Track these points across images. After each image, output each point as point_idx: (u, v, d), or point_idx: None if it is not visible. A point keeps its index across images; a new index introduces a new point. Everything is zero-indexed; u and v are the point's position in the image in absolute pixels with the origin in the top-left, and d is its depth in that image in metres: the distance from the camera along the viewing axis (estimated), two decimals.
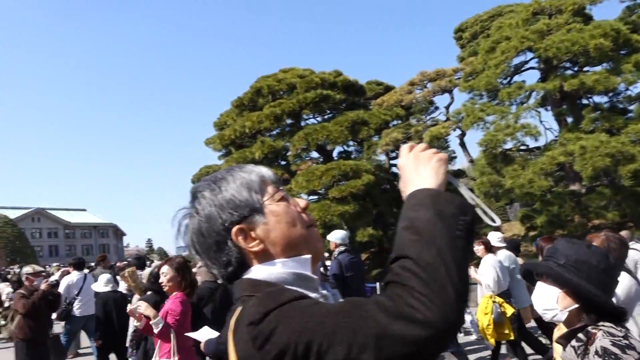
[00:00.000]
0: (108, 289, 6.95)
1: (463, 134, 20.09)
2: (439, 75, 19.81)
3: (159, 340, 3.89)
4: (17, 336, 6.34)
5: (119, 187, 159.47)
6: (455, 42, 25.90)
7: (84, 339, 9.14)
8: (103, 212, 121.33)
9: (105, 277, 7.17)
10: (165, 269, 4.11)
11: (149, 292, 5.29)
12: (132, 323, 5.54)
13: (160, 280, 4.14)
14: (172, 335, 3.85)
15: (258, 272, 1.01)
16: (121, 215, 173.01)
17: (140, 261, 9.32)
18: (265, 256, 1.03)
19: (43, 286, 6.69)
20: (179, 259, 4.32)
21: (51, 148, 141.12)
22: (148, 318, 3.83)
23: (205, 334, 3.64)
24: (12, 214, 65.28)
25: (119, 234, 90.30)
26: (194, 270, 5.89)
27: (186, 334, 3.90)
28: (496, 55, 16.37)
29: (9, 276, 10.88)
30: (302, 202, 1.09)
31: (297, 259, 1.03)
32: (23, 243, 58.26)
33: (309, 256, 1.04)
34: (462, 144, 20.69)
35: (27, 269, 7.12)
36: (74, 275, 8.66)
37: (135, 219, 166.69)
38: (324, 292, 1.06)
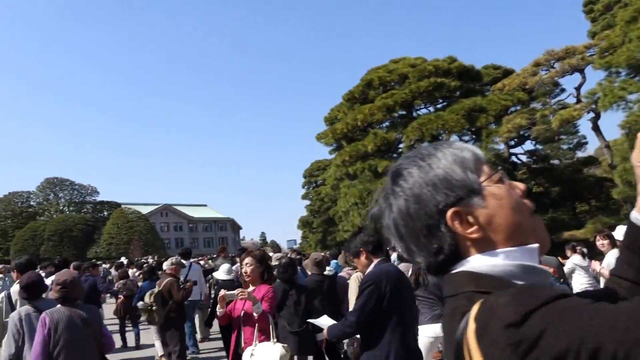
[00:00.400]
0: (229, 277, 7.26)
1: (597, 116, 18.11)
2: (568, 53, 18.01)
3: (257, 325, 4.07)
4: (168, 320, 6.86)
5: (235, 183, 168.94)
6: (584, 16, 23.50)
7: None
8: (221, 207, 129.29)
9: (225, 266, 7.55)
10: (248, 260, 4.31)
11: (277, 281, 5.46)
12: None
13: (244, 271, 4.33)
14: (270, 320, 4.12)
15: (478, 263, 0.88)
16: (238, 209, 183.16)
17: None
18: (485, 244, 0.90)
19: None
20: (259, 252, 4.54)
21: (177, 148, 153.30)
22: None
23: (325, 321, 3.89)
24: (144, 210, 71.71)
25: (235, 227, 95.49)
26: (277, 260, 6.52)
27: (308, 320, 4.22)
28: (638, 26, 14.49)
29: (145, 266, 11.92)
30: (521, 185, 0.95)
31: (523, 248, 0.89)
32: (154, 236, 63.78)
33: (536, 245, 0.90)
34: (596, 128, 18.64)
35: (171, 261, 7.65)
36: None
37: (250, 214, 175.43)
38: (559, 286, 0.75)
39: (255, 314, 4.00)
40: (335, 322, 3.64)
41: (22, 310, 4.22)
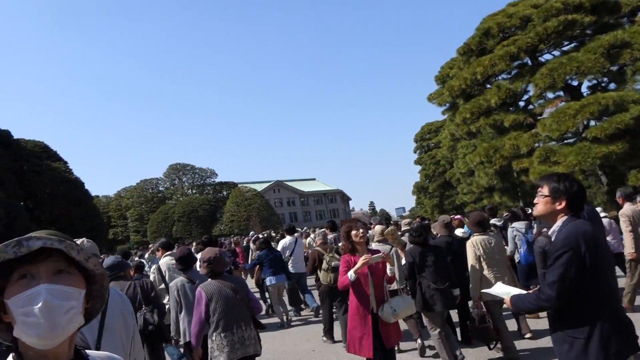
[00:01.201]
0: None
1: None
2: None
3: (387, 283, 4.70)
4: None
5: (343, 155, 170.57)
6: None
7: None
8: (330, 180, 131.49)
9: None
10: (363, 228, 4.76)
11: (411, 245, 6.02)
12: None
13: (359, 236, 4.69)
14: (385, 284, 4.67)
15: None
16: (346, 181, 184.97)
17: (333, 224, 11.30)
18: None
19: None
20: (363, 222, 5.00)
21: (285, 125, 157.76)
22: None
23: (501, 289, 3.24)
24: (259, 187, 74.78)
25: (345, 198, 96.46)
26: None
27: (483, 291, 4.17)
28: None
29: (262, 237, 12.96)
30: None
31: None
32: (270, 212, 66.33)
33: None
34: None
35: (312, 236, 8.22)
36: (287, 240, 10.32)
37: (358, 184, 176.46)
38: None
39: (389, 273, 4.59)
40: (520, 291, 3.03)
41: (178, 282, 5.11)
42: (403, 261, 6.59)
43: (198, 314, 4.24)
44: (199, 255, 6.69)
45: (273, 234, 24.60)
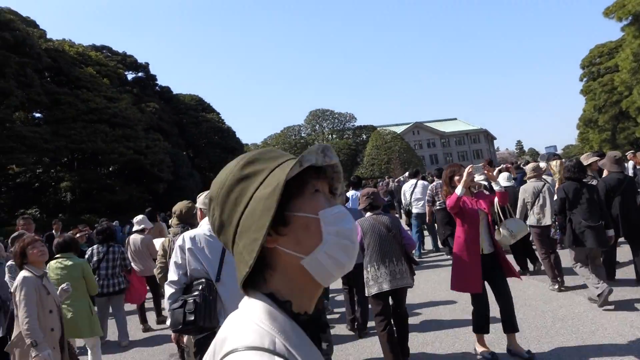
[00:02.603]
0: (509, 184, 8.08)
1: None
2: None
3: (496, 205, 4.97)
4: None
5: (487, 91, 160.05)
6: None
7: None
8: (472, 119, 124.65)
9: (504, 174, 8.31)
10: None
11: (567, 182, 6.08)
12: None
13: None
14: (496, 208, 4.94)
15: None
16: (491, 119, 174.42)
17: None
18: None
19: None
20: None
21: (422, 65, 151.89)
22: None
23: None
24: (398, 130, 73.40)
25: (489, 138, 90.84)
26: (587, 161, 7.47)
27: None
28: None
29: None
30: None
31: None
32: (410, 154, 64.93)
33: None
34: None
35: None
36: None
37: (504, 122, 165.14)
38: None
39: (497, 191, 4.62)
40: None
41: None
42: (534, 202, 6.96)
43: None
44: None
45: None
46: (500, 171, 8.63)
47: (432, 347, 5.22)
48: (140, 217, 8.39)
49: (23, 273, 3.82)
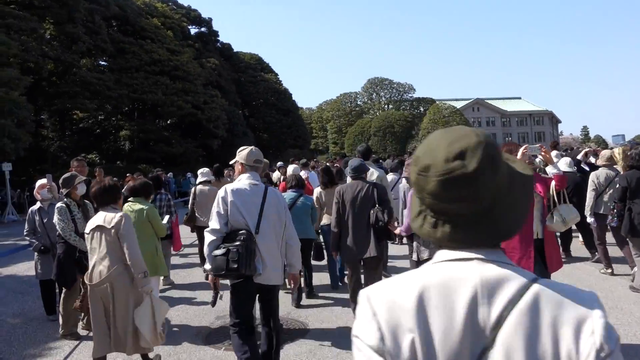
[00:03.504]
0: (570, 169, 7.86)
1: None
2: None
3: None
4: None
5: (554, 72, 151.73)
6: None
7: None
8: (538, 99, 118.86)
9: (566, 159, 8.21)
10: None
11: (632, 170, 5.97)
12: None
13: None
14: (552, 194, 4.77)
15: None
16: (556, 101, 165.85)
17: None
18: None
19: None
20: None
21: (487, 39, 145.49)
22: None
23: None
24: (458, 105, 70.96)
25: (554, 121, 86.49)
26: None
27: None
28: None
29: None
30: None
31: None
32: None
33: None
34: None
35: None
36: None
37: (571, 105, 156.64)
38: None
39: (555, 174, 4.36)
40: None
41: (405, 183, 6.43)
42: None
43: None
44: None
45: None
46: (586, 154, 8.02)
47: None
48: (205, 169, 8.58)
49: (119, 211, 4.11)
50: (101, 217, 3.95)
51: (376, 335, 0.87)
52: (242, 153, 3.71)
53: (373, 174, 6.40)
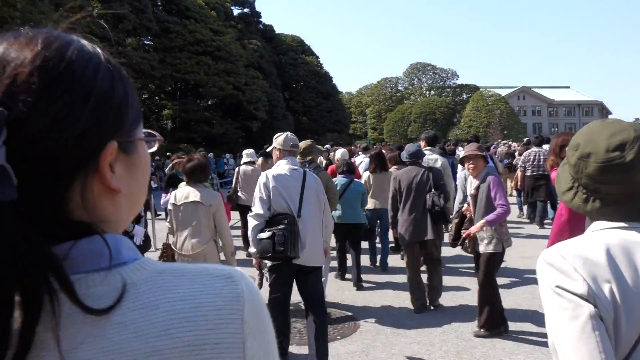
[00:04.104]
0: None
1: None
2: None
3: None
4: None
5: (605, 61, 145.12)
6: None
7: None
8: (587, 89, 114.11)
9: None
10: None
11: None
12: None
13: None
14: None
15: None
16: (607, 91, 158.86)
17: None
18: None
19: None
20: None
21: (533, 22, 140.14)
22: None
23: None
24: (502, 92, 68.84)
25: (604, 112, 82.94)
26: None
27: None
28: None
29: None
30: None
31: None
32: (513, 120, 60.90)
33: None
34: None
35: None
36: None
37: (622, 96, 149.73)
38: None
39: None
40: None
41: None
42: None
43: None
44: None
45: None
46: None
47: None
48: (250, 150, 8.73)
49: (214, 191, 4.42)
50: (196, 194, 4.10)
51: (583, 285, 1.03)
52: (279, 139, 3.86)
53: (437, 161, 6.48)
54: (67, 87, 0.51)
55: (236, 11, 47.01)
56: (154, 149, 0.66)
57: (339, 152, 8.07)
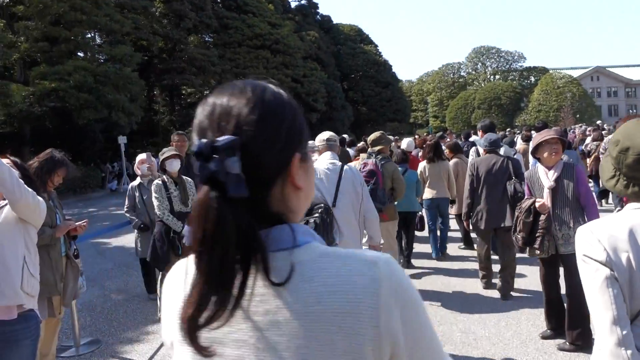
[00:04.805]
0: None
1: None
2: None
3: None
4: None
5: None
6: None
7: None
8: None
9: None
10: None
11: None
12: None
13: None
14: None
15: None
16: None
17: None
18: None
19: None
20: None
21: (608, 5, 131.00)
22: None
23: None
24: (574, 74, 64.96)
25: None
26: None
27: None
28: None
29: None
30: None
31: None
32: (587, 102, 57.30)
33: None
34: None
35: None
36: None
37: None
38: None
39: None
40: None
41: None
42: None
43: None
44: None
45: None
46: None
47: None
48: (311, 142, 8.63)
49: None
50: None
51: (603, 253, 1.33)
52: (319, 137, 4.21)
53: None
54: (270, 120, 0.75)
55: (293, 3, 47.04)
56: (315, 157, 0.99)
57: (405, 142, 8.12)
